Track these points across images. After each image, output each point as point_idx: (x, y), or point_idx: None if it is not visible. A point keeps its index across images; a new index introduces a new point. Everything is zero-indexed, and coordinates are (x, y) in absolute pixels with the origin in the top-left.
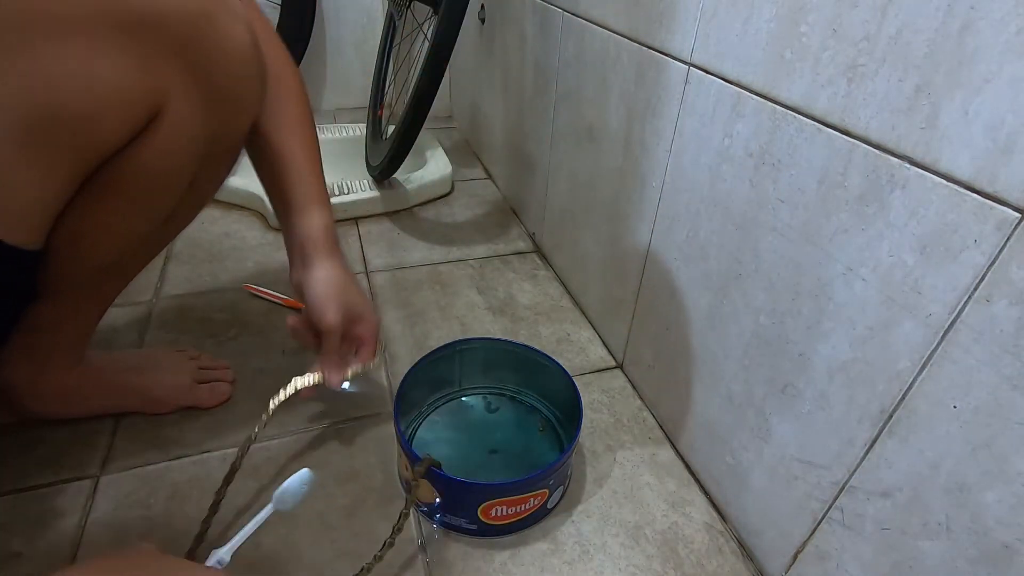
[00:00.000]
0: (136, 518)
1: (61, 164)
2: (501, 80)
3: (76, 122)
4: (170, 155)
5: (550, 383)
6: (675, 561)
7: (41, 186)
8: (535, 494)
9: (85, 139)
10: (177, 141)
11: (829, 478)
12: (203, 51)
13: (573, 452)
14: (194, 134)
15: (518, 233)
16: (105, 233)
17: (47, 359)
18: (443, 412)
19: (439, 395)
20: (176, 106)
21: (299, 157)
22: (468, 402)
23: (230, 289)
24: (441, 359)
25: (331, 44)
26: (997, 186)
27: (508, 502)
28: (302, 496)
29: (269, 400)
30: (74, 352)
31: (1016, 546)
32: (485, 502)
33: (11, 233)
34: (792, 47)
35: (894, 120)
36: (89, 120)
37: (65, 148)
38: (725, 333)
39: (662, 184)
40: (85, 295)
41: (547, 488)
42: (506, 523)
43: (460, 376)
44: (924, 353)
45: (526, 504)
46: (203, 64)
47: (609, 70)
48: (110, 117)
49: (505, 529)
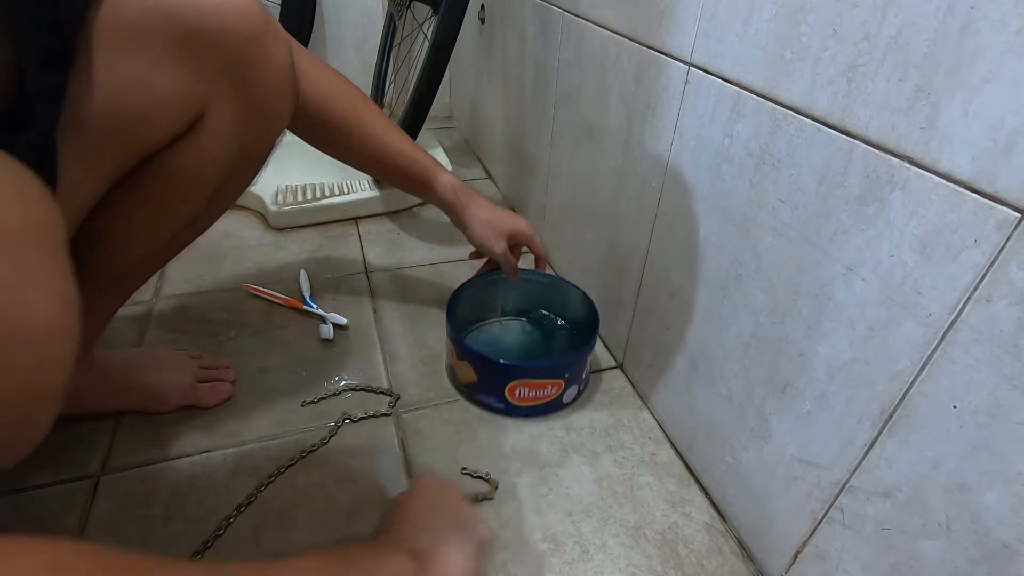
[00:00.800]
0: (136, 518)
1: (104, 160)
2: (501, 80)
3: (128, 122)
4: (204, 159)
5: (573, 305)
6: (675, 561)
7: (80, 180)
8: (553, 382)
9: (133, 137)
10: (213, 146)
11: (829, 478)
12: (248, 68)
13: (588, 358)
14: (229, 142)
15: None
16: (130, 231)
17: None
18: (484, 331)
19: (479, 318)
20: (217, 114)
21: (411, 148)
22: (506, 325)
23: (230, 289)
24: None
25: (331, 44)
26: (997, 186)
27: (530, 385)
28: None
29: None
30: (80, 352)
31: (1016, 546)
32: (511, 382)
33: None
34: (792, 47)
35: (894, 120)
36: (140, 120)
37: (112, 145)
38: (725, 333)
39: (662, 184)
40: (95, 297)
41: (563, 380)
42: (528, 405)
43: (502, 304)
44: (924, 353)
45: (545, 390)
46: (247, 80)
47: (609, 70)
48: (159, 119)
49: (527, 411)
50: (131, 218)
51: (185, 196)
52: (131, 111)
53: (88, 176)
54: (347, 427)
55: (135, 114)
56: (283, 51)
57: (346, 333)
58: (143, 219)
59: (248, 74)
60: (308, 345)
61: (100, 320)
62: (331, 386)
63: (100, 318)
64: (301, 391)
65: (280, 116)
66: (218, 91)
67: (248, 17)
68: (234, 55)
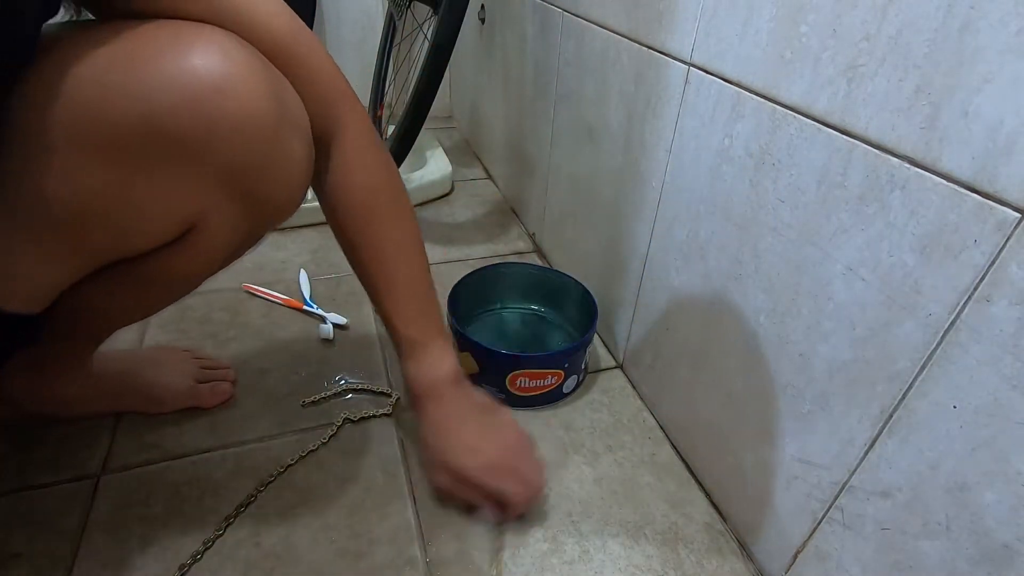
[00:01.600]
0: (136, 518)
1: (82, 260)
2: (501, 80)
3: (113, 232)
4: (195, 262)
5: (571, 297)
6: (675, 561)
7: (55, 273)
8: (553, 372)
9: (116, 245)
10: (206, 252)
11: (829, 478)
12: (253, 175)
13: (586, 350)
14: (224, 247)
15: (518, 233)
16: (114, 309)
17: (49, 371)
18: (484, 322)
19: (480, 310)
20: (214, 224)
21: (413, 309)
22: (505, 317)
23: (230, 289)
24: (486, 277)
25: (331, 44)
26: (997, 186)
27: (531, 374)
28: None
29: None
30: (76, 365)
31: (1016, 546)
32: (512, 372)
33: (11, 303)
34: (792, 47)
35: (894, 120)
36: (127, 232)
37: (92, 250)
38: (725, 333)
39: (662, 184)
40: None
41: (563, 370)
42: (529, 395)
43: (501, 296)
44: (924, 353)
45: (545, 380)
46: (251, 187)
47: (609, 70)
48: (148, 230)
49: (528, 401)
50: (113, 298)
51: (175, 287)
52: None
53: (60, 267)
54: (347, 427)
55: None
56: (298, 145)
57: (346, 333)
58: (126, 300)
59: (252, 181)
60: (308, 345)
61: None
62: (331, 386)
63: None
64: (301, 391)
65: (289, 209)
66: (216, 202)
67: (257, 115)
68: (236, 164)
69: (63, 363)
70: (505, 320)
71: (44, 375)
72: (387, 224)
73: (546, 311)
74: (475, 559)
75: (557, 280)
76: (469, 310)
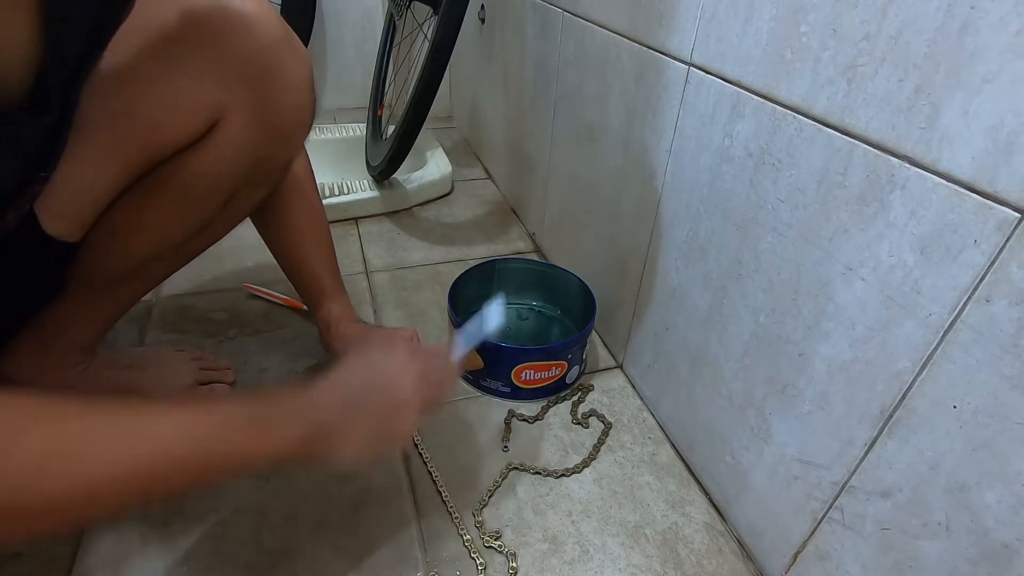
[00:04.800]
0: (136, 518)
1: (120, 159)
2: (501, 80)
3: (145, 123)
4: (219, 164)
5: (570, 291)
6: (675, 561)
7: (96, 176)
8: (556, 363)
9: (149, 138)
10: (228, 152)
11: (829, 478)
12: (267, 81)
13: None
14: (245, 150)
15: (518, 233)
16: (143, 231)
17: (53, 356)
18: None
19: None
20: (234, 122)
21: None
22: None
23: (230, 289)
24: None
25: (331, 44)
26: (997, 186)
27: (535, 367)
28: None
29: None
30: (81, 352)
31: (1016, 546)
32: (517, 365)
33: (56, 224)
34: (792, 47)
35: (894, 120)
36: (157, 122)
37: (129, 145)
38: (725, 333)
39: (662, 184)
40: (104, 296)
41: (566, 361)
42: (533, 387)
43: (499, 291)
44: (924, 353)
45: (549, 372)
46: (265, 92)
47: (609, 70)
48: (176, 122)
49: (532, 393)
50: (144, 216)
51: (198, 199)
52: (148, 113)
53: (103, 173)
54: None
55: (152, 116)
56: (303, 68)
57: None
58: (155, 218)
59: (267, 86)
60: (308, 345)
61: (100, 323)
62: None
63: (100, 321)
64: None
65: (297, 132)
66: (236, 100)
67: (271, 32)
68: (254, 66)
69: (68, 349)
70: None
71: (47, 360)
72: (314, 193)
73: (544, 305)
74: (475, 559)
75: (554, 274)
76: (468, 306)
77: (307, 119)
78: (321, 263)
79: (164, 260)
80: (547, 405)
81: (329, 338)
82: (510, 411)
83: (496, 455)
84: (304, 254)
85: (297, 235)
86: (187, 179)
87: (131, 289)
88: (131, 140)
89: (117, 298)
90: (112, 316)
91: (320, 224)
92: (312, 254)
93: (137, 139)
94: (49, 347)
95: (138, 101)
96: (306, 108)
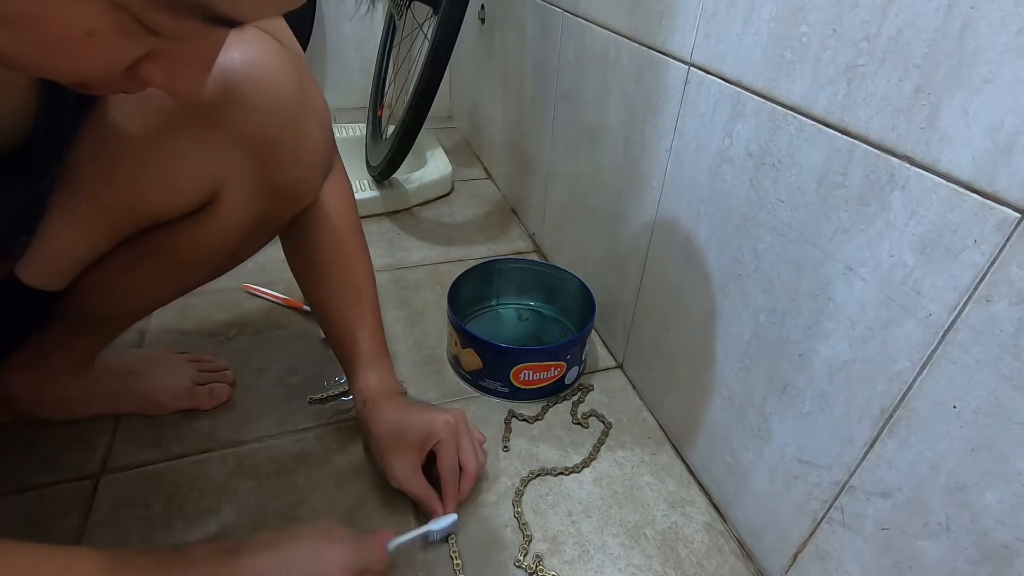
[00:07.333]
0: (136, 518)
1: (105, 222)
2: (501, 80)
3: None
4: (218, 235)
5: (569, 292)
6: (675, 561)
7: (80, 241)
8: (555, 363)
9: (135, 208)
10: (229, 224)
11: (829, 478)
12: (276, 152)
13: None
14: (245, 221)
15: (518, 233)
16: (135, 294)
17: (50, 372)
18: (483, 318)
19: (478, 306)
20: (235, 195)
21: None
22: (502, 313)
23: (230, 289)
24: (484, 273)
25: (331, 44)
26: (997, 186)
27: (534, 367)
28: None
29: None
30: (77, 368)
31: (1016, 546)
32: (516, 365)
33: (35, 277)
34: (792, 47)
35: (894, 120)
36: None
37: (113, 213)
38: (725, 333)
39: (662, 184)
40: (98, 325)
41: (564, 362)
42: (532, 387)
43: (497, 292)
44: (924, 353)
45: (548, 372)
46: (273, 163)
47: (609, 70)
48: (168, 194)
49: (531, 394)
50: (136, 280)
51: (191, 266)
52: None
53: (86, 234)
54: (347, 427)
55: (137, 185)
56: (317, 131)
57: None
58: (148, 284)
59: (274, 158)
60: (308, 345)
61: (94, 345)
62: (331, 386)
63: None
64: (301, 391)
65: (307, 196)
66: (239, 173)
67: (283, 102)
68: (260, 139)
69: (66, 365)
70: (502, 316)
71: (46, 377)
72: (359, 249)
73: (542, 306)
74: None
75: (553, 275)
76: (467, 306)
77: (319, 183)
78: (360, 322)
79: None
80: (547, 405)
81: (364, 415)
82: (510, 411)
83: (496, 455)
84: (340, 313)
85: (332, 290)
86: (183, 250)
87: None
88: (114, 207)
89: (111, 328)
90: (106, 340)
91: (360, 278)
92: (349, 313)
93: (120, 206)
94: (45, 363)
95: (122, 167)
96: (318, 172)
